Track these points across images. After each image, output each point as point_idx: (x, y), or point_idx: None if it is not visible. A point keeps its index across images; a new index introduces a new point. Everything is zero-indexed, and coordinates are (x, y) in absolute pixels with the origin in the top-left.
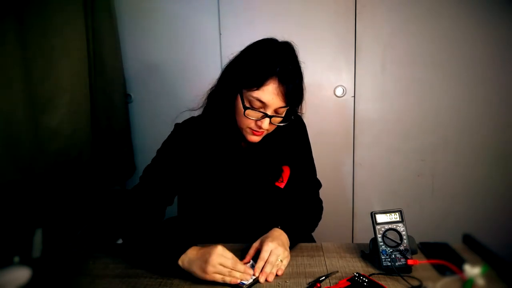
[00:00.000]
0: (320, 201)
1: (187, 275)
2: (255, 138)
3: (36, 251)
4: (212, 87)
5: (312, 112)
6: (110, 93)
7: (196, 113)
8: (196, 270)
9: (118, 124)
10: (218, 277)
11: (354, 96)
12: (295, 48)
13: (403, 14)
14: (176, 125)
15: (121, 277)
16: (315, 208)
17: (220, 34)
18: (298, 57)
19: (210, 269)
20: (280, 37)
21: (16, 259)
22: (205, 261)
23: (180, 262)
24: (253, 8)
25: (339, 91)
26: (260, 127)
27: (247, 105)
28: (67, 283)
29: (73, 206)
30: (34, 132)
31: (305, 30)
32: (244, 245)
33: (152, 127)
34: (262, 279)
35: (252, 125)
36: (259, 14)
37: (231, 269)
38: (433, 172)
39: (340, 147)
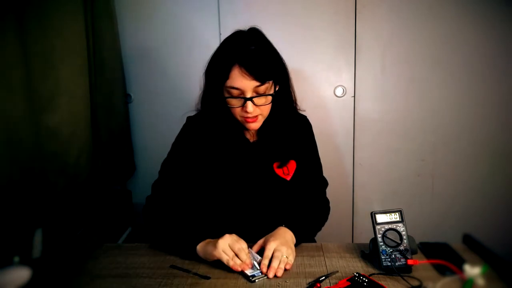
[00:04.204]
0: (327, 201)
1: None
2: (253, 125)
3: (36, 251)
4: (201, 91)
5: (312, 112)
6: (110, 93)
7: None
8: (209, 248)
9: (118, 124)
10: (224, 257)
11: (354, 96)
12: (261, 31)
13: (403, 14)
14: (188, 118)
15: (121, 277)
16: (321, 208)
17: (220, 34)
18: (266, 38)
19: (220, 245)
20: (281, 37)
21: (16, 259)
22: (218, 240)
23: (199, 247)
24: (253, 8)
25: (339, 91)
26: (247, 112)
27: (227, 95)
28: (67, 283)
29: (73, 206)
30: (34, 132)
31: (305, 30)
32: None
33: (152, 127)
34: (271, 275)
35: (243, 113)
36: (259, 14)
37: (235, 253)
38: (433, 172)
39: (340, 147)
